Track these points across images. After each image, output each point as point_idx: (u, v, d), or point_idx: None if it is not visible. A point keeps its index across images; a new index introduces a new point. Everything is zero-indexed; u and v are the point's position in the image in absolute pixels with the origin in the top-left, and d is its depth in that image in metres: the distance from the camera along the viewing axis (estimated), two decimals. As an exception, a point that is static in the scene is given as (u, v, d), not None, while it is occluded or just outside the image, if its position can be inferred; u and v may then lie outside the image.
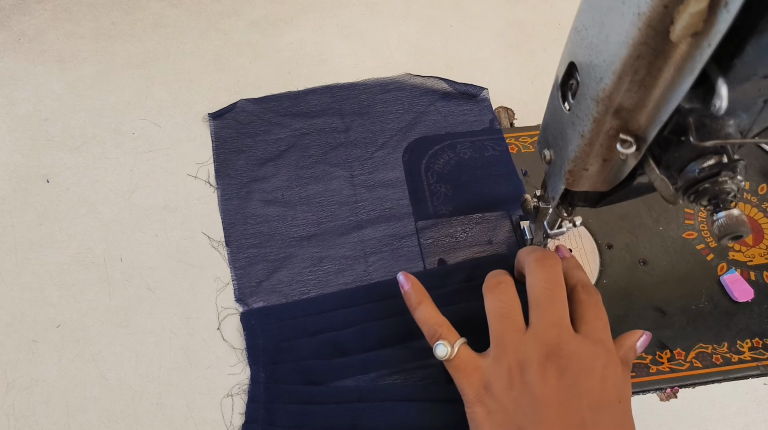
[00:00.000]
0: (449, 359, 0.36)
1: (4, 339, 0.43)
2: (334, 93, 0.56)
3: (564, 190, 0.34)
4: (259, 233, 0.48)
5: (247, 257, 0.47)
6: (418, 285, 0.40)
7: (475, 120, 0.54)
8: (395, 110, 0.55)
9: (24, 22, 0.60)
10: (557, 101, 0.31)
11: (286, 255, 0.47)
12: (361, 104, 0.55)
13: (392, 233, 0.48)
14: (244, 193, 0.50)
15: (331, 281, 0.46)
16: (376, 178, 0.51)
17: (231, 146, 0.52)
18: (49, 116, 0.54)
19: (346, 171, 0.51)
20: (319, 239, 0.48)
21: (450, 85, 0.56)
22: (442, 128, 0.54)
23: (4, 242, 0.47)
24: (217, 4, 0.63)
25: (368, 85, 0.56)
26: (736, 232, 0.26)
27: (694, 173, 0.26)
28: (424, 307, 0.39)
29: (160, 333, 0.44)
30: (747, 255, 0.47)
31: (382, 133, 0.53)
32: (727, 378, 0.42)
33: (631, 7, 0.22)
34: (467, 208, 0.49)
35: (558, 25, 0.62)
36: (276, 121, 0.54)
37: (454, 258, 0.46)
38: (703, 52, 0.21)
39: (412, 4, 0.63)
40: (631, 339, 0.37)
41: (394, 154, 0.52)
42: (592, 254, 0.46)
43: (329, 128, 0.54)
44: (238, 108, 0.54)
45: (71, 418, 0.40)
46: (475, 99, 0.55)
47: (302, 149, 0.52)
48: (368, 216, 0.49)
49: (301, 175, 0.51)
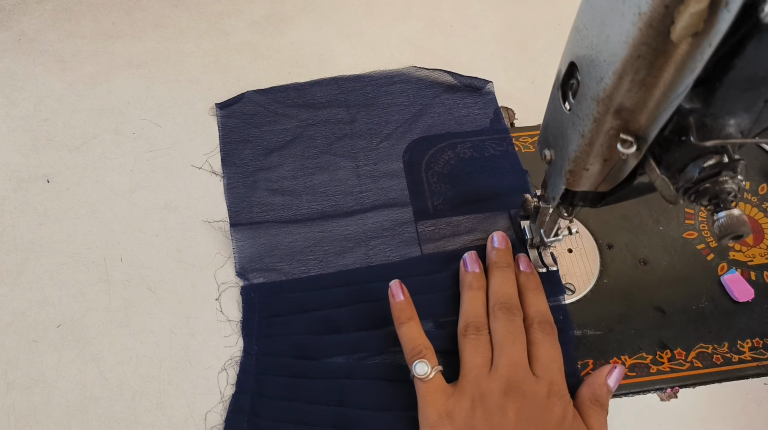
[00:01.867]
0: (425, 379, 0.38)
1: (5, 339, 0.43)
2: (340, 85, 0.56)
3: (564, 190, 0.34)
4: (265, 221, 0.48)
5: (249, 235, 0.47)
6: (410, 300, 0.41)
7: (480, 113, 0.54)
8: (400, 102, 0.55)
9: (24, 22, 0.60)
10: (558, 101, 0.31)
11: (289, 233, 0.48)
12: (367, 96, 0.56)
13: (394, 218, 0.49)
14: (250, 182, 0.50)
15: (331, 263, 0.47)
16: (381, 168, 0.52)
17: (237, 136, 0.53)
18: (49, 116, 0.54)
19: (351, 161, 0.52)
20: (322, 222, 0.48)
21: (455, 77, 0.56)
22: (446, 121, 0.54)
23: (4, 242, 0.47)
24: (218, 4, 0.63)
25: (374, 77, 0.57)
26: (736, 232, 0.26)
27: (695, 173, 0.26)
28: (413, 324, 0.40)
29: (160, 333, 0.44)
30: (747, 255, 0.47)
31: (387, 124, 0.54)
32: (727, 378, 0.42)
33: (632, 7, 0.22)
34: (468, 204, 0.49)
35: (558, 25, 0.62)
36: (282, 111, 0.54)
37: (452, 245, 0.47)
38: (703, 51, 0.21)
39: (412, 4, 0.63)
40: (599, 377, 0.39)
41: (398, 145, 0.53)
42: (592, 254, 0.46)
43: (335, 119, 0.54)
44: (245, 99, 0.55)
45: (71, 418, 0.40)
46: (479, 92, 0.56)
47: (308, 140, 0.53)
48: (372, 206, 0.50)
49: (307, 165, 0.52)
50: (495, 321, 0.40)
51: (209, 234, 0.48)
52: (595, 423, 0.37)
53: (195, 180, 0.51)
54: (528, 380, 0.37)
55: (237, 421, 0.40)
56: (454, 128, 0.54)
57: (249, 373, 0.42)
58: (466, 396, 0.37)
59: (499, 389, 0.37)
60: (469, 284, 0.42)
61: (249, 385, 0.41)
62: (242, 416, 0.40)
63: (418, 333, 0.40)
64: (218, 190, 0.50)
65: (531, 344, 0.39)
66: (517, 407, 0.36)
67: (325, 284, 0.46)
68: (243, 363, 0.42)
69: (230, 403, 0.41)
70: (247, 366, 0.42)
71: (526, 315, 0.41)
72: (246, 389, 0.41)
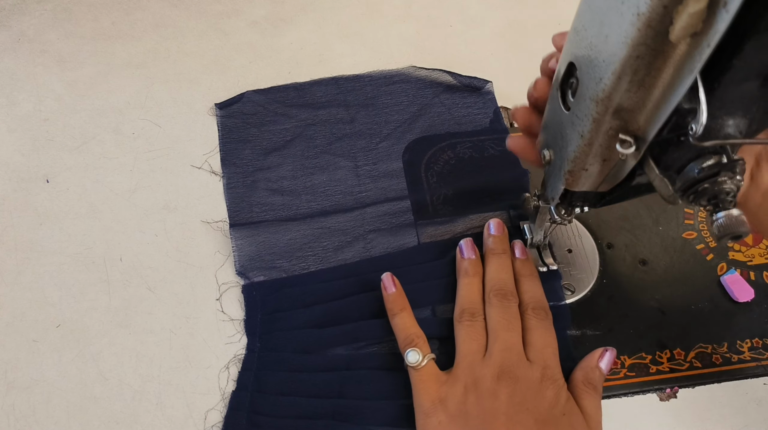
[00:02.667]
0: (417, 367, 0.38)
1: (5, 339, 0.43)
2: (339, 85, 0.56)
3: (564, 191, 0.34)
4: (264, 221, 0.49)
5: (248, 233, 0.47)
6: (401, 291, 0.42)
7: (479, 113, 0.55)
8: (400, 102, 0.55)
9: (24, 22, 0.60)
10: (557, 101, 0.31)
11: (287, 231, 0.48)
12: (366, 96, 0.56)
13: (392, 211, 0.49)
14: (250, 182, 0.50)
15: (330, 258, 0.47)
16: (380, 168, 0.52)
17: (237, 136, 0.53)
18: (49, 116, 0.54)
19: (350, 161, 0.52)
20: (320, 218, 0.49)
21: (454, 77, 0.56)
22: (445, 121, 0.54)
23: (4, 242, 0.48)
24: (218, 4, 0.63)
25: (373, 77, 0.57)
26: (735, 232, 0.26)
27: (694, 173, 0.26)
28: (405, 314, 0.41)
29: (160, 333, 0.44)
30: (747, 255, 0.47)
31: (386, 124, 0.54)
32: (727, 378, 0.42)
33: (631, 8, 0.22)
34: (467, 203, 0.49)
35: (558, 25, 0.61)
36: (282, 111, 0.55)
37: (449, 234, 0.47)
38: (702, 52, 0.21)
39: (412, 4, 0.63)
40: (591, 361, 0.39)
41: (398, 145, 0.53)
42: (592, 254, 0.46)
43: (334, 119, 0.54)
44: (244, 99, 0.55)
45: (71, 418, 0.41)
46: (479, 92, 0.56)
47: (307, 140, 0.53)
48: (372, 203, 0.50)
49: (306, 165, 0.52)
50: (490, 307, 0.40)
51: (209, 234, 0.48)
52: (589, 405, 0.37)
53: (195, 180, 0.51)
54: (521, 365, 0.38)
55: (236, 418, 0.40)
56: (453, 128, 0.54)
57: (251, 370, 0.42)
58: (460, 383, 0.37)
59: (491, 375, 0.37)
60: (465, 271, 0.43)
61: (250, 382, 0.42)
62: (242, 413, 0.40)
63: (410, 323, 0.40)
64: (218, 190, 0.50)
65: (525, 330, 0.40)
66: (510, 391, 0.36)
67: (325, 278, 0.46)
68: (245, 361, 0.43)
69: (230, 400, 0.41)
70: (249, 364, 0.42)
71: (521, 301, 0.41)
72: (246, 386, 0.41)
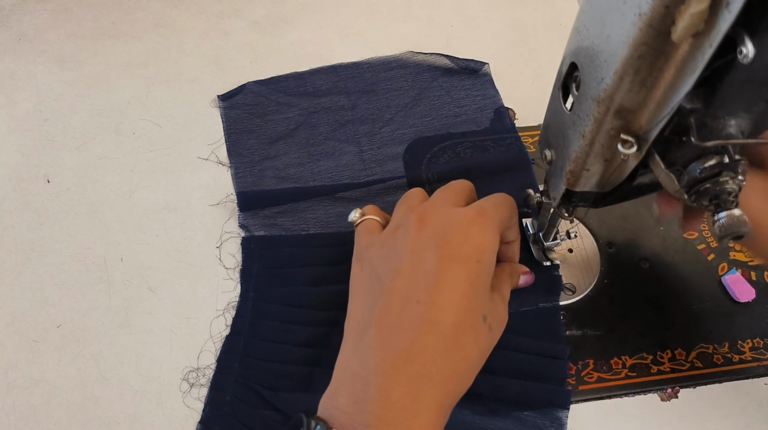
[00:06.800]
0: (356, 223, 0.40)
1: (5, 339, 0.43)
2: (338, 72, 0.57)
3: (565, 191, 0.34)
4: (273, 209, 0.49)
5: (252, 198, 0.49)
6: None
7: (478, 94, 0.56)
8: (399, 87, 0.56)
9: (24, 22, 0.60)
10: (558, 101, 0.31)
11: (294, 194, 0.49)
12: (366, 82, 0.57)
13: (399, 186, 0.49)
14: (257, 170, 0.51)
15: (331, 223, 0.48)
16: (385, 152, 0.52)
17: (241, 127, 0.54)
18: (49, 116, 0.54)
19: (355, 146, 0.53)
20: (328, 190, 0.50)
21: (452, 60, 0.57)
22: (445, 103, 0.55)
23: (4, 242, 0.47)
24: (218, 4, 0.63)
25: (372, 63, 0.58)
26: (737, 232, 0.26)
27: (696, 173, 0.26)
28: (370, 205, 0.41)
29: (160, 333, 0.44)
30: (748, 255, 0.47)
31: (387, 109, 0.55)
32: (728, 378, 0.42)
33: (632, 8, 0.22)
34: None
35: (558, 25, 0.62)
36: (284, 101, 0.55)
37: None
38: (704, 52, 0.21)
39: (412, 4, 0.63)
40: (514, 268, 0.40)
41: (401, 129, 0.54)
42: (592, 254, 0.46)
43: (336, 106, 0.55)
44: (246, 90, 0.56)
45: (72, 418, 0.40)
46: (476, 74, 0.57)
47: (311, 127, 0.54)
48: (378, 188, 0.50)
49: (312, 152, 0.52)
50: None
51: (209, 234, 0.48)
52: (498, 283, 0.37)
53: (195, 180, 0.51)
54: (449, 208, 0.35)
55: (229, 361, 0.42)
56: (453, 110, 0.55)
57: (245, 317, 0.43)
58: (387, 231, 0.37)
59: (415, 219, 0.35)
60: None
61: (244, 328, 0.43)
62: (234, 357, 0.42)
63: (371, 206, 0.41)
64: (218, 189, 0.50)
65: None
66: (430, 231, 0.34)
67: (325, 242, 0.47)
68: (239, 307, 0.44)
69: (224, 344, 0.42)
70: (243, 310, 0.44)
71: None
72: (240, 331, 0.43)
